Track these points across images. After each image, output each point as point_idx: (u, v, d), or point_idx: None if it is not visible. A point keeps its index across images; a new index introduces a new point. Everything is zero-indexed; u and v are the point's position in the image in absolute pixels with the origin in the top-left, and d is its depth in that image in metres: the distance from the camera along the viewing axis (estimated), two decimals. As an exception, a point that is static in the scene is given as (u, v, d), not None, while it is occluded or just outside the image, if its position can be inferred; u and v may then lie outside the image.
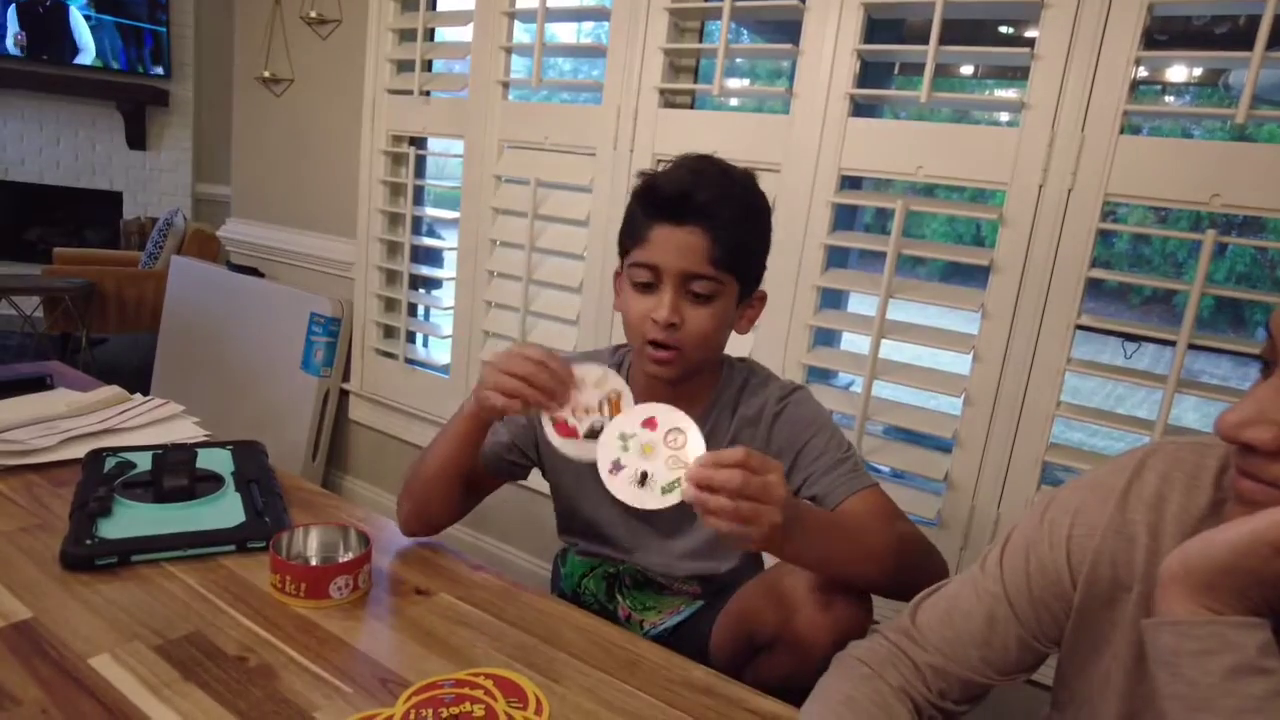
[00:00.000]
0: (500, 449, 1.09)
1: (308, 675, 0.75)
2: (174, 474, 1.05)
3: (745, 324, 1.03)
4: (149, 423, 1.31)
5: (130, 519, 0.97)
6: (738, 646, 0.97)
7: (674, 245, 0.92)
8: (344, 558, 0.93)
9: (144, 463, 1.11)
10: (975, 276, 1.53)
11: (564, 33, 1.93)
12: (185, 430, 1.31)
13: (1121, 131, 1.27)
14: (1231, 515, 0.54)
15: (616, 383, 0.82)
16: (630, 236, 0.97)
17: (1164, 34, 1.45)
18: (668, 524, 1.07)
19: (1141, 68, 1.27)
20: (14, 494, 1.04)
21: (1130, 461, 0.66)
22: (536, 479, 1.14)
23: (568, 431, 0.76)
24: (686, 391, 1.02)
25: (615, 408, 0.77)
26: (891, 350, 1.50)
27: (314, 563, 0.93)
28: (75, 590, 0.84)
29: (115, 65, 4.73)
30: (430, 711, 0.69)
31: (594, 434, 0.76)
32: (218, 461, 1.16)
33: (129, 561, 0.90)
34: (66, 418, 1.27)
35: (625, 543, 1.10)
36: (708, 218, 0.91)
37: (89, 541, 0.90)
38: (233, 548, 0.96)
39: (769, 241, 1.01)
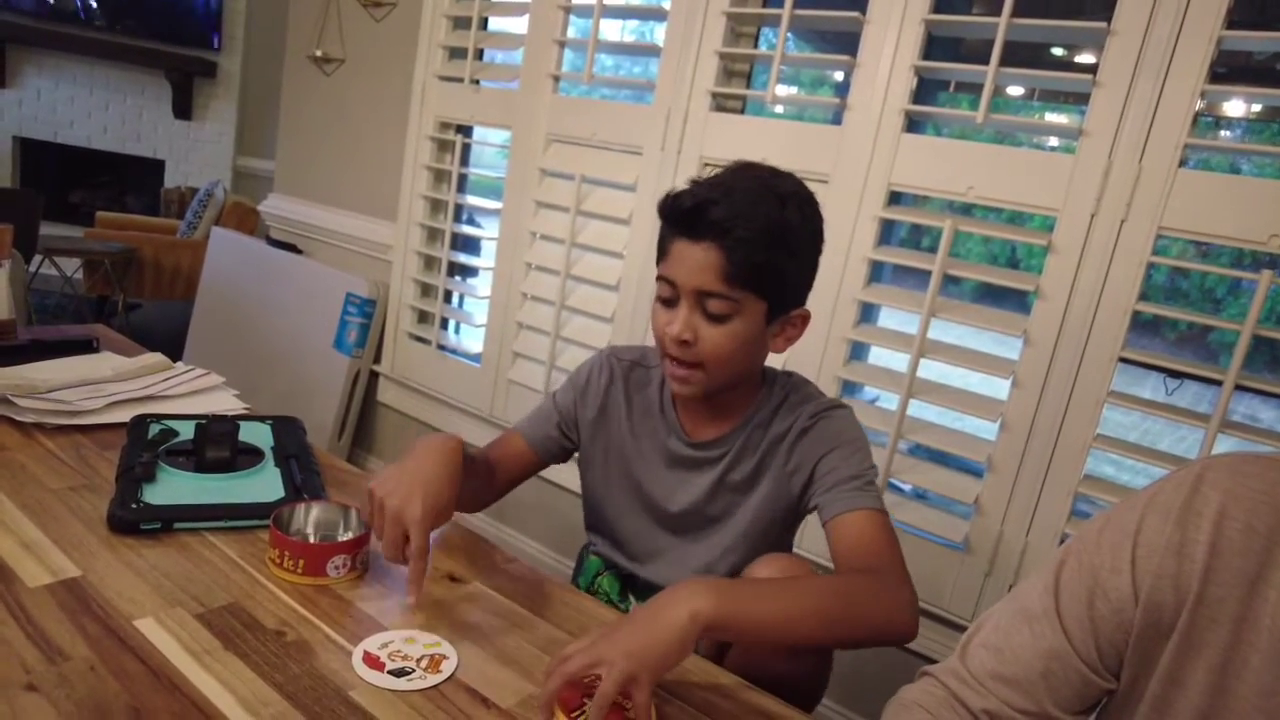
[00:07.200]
0: (549, 441, 1.11)
1: (344, 654, 0.76)
2: (216, 445, 1.06)
3: (782, 343, 0.98)
4: (190, 392, 1.33)
5: (173, 486, 0.99)
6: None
7: (690, 261, 0.90)
8: (343, 537, 0.93)
9: (186, 431, 1.13)
10: (1008, 298, 1.52)
11: (610, 30, 1.94)
12: (225, 402, 1.33)
13: (1180, 165, 1.26)
14: None
15: (446, 648, 0.80)
16: (659, 248, 0.96)
17: (1224, 67, 1.43)
18: (690, 533, 1.07)
19: (1204, 100, 1.26)
20: (62, 453, 1.06)
21: (1187, 476, 0.62)
22: (558, 474, 1.14)
23: (374, 664, 0.76)
24: (721, 405, 1.02)
25: (434, 666, 0.76)
26: (923, 369, 1.49)
27: (313, 540, 0.93)
28: (120, 552, 0.86)
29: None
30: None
31: (398, 674, 0.75)
32: (258, 435, 1.17)
33: (171, 528, 0.92)
34: (112, 381, 1.29)
35: (641, 555, 1.11)
36: (723, 234, 0.88)
37: (134, 506, 0.91)
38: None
39: (810, 260, 0.96)
